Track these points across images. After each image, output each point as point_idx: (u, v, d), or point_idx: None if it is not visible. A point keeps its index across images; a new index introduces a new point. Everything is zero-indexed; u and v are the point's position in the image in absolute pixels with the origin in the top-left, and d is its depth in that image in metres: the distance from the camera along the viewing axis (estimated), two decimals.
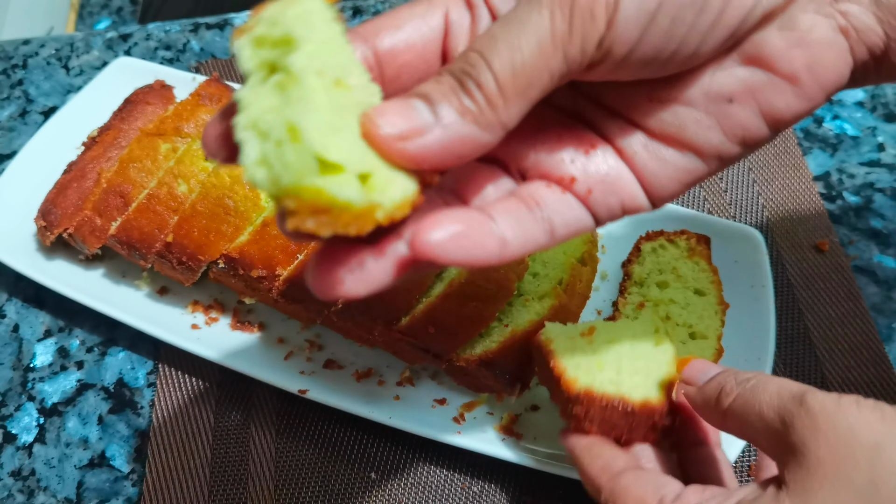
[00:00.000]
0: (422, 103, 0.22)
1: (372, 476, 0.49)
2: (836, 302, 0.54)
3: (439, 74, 0.23)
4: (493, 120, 0.22)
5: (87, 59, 0.75)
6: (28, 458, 0.52)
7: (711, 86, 0.25)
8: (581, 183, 0.26)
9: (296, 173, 0.20)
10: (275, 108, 0.21)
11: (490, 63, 0.22)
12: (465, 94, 0.22)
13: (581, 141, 0.26)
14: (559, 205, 0.25)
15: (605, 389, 0.38)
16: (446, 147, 0.22)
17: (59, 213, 0.55)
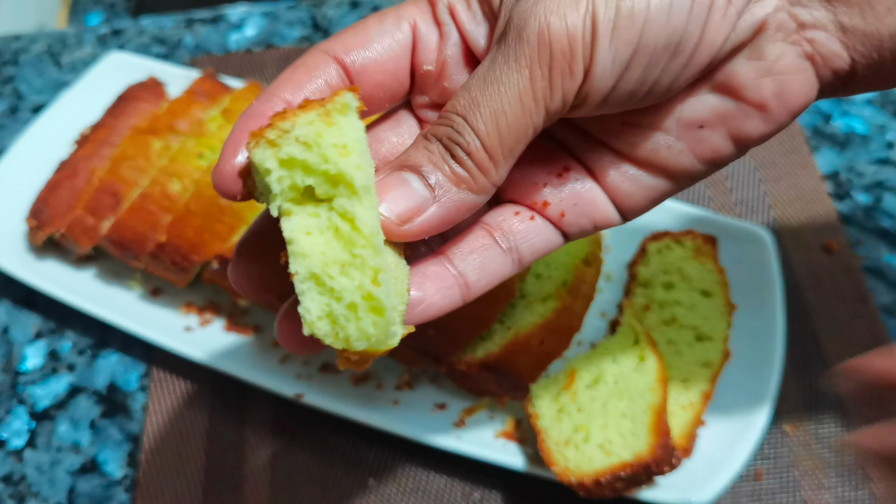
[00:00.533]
0: (415, 177, 0.23)
1: (370, 482, 0.48)
2: (844, 303, 0.53)
3: (426, 139, 0.24)
4: (485, 183, 0.23)
5: (79, 54, 0.73)
6: (19, 463, 0.50)
7: (683, 113, 0.25)
8: (554, 207, 0.27)
9: (374, 343, 0.21)
10: (341, 264, 0.21)
11: (476, 128, 0.23)
12: (456, 162, 0.23)
13: (555, 164, 0.27)
14: (527, 232, 0.26)
15: (596, 466, 0.42)
16: (444, 219, 0.23)
17: (50, 212, 0.54)
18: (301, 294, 0.21)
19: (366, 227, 0.21)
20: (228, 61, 0.71)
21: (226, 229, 0.50)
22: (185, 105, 0.56)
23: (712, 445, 0.45)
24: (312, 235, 0.21)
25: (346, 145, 0.21)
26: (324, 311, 0.21)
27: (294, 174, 0.21)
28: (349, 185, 0.21)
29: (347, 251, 0.21)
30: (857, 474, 0.47)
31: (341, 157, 0.21)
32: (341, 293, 0.21)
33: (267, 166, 0.21)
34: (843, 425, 0.49)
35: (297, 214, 0.21)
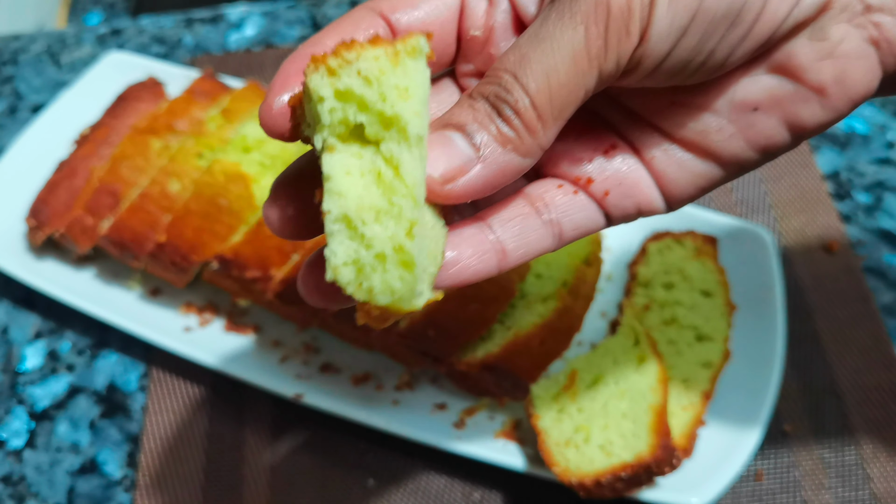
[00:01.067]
0: (459, 135, 0.22)
1: (370, 483, 0.48)
2: (845, 303, 0.53)
3: (471, 98, 0.23)
4: (533, 145, 0.22)
5: (78, 54, 0.73)
6: (18, 463, 0.50)
7: (736, 94, 0.24)
8: (598, 184, 0.25)
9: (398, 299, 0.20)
10: (376, 211, 0.20)
11: (526, 86, 0.22)
12: (503, 121, 0.22)
13: (600, 141, 0.26)
14: (570, 206, 0.25)
15: (596, 467, 0.42)
16: (488, 181, 0.22)
17: (49, 212, 0.54)
18: (330, 235, 0.20)
19: (409, 177, 0.20)
20: (228, 61, 0.71)
21: (225, 229, 0.50)
22: (184, 105, 0.56)
23: (713, 446, 0.45)
24: (352, 176, 0.20)
25: (408, 89, 0.20)
26: (350, 257, 0.20)
27: (348, 108, 0.20)
28: (402, 130, 0.20)
29: (386, 198, 0.20)
30: (858, 474, 0.47)
31: (401, 99, 0.20)
32: (372, 241, 0.20)
33: (322, 93, 0.20)
34: (844, 425, 0.49)
35: (341, 152, 0.20)
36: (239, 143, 0.52)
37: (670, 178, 0.25)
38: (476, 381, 0.47)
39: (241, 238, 0.49)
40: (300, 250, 0.49)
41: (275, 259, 0.48)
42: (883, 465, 0.47)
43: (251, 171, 0.51)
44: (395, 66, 0.20)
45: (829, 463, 0.47)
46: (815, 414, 0.49)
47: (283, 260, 0.48)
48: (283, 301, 0.48)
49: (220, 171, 0.50)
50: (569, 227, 0.25)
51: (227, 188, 0.50)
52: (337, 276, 0.20)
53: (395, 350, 0.48)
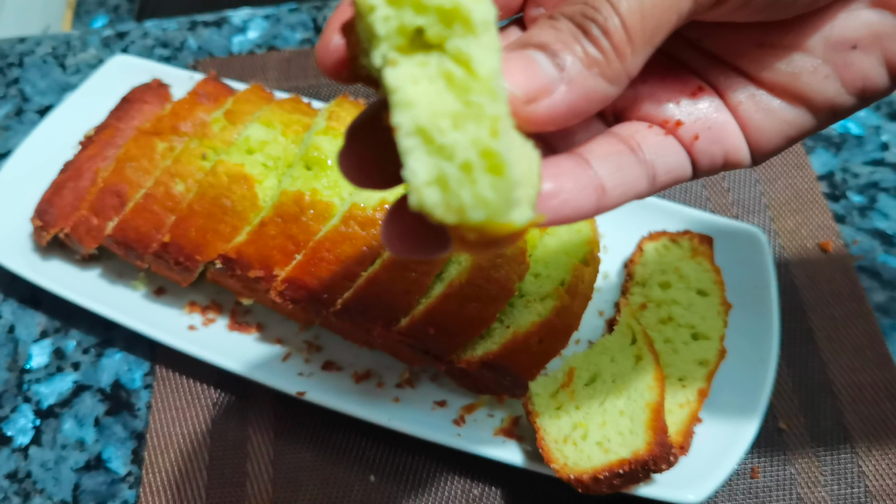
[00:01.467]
0: (542, 55, 0.20)
1: (371, 479, 0.49)
2: (840, 302, 0.54)
3: (554, 18, 0.21)
4: (620, 70, 0.20)
5: (83, 57, 0.74)
6: (24, 460, 0.51)
7: (833, 31, 0.22)
8: (687, 127, 0.24)
9: (493, 211, 0.17)
10: (453, 116, 0.17)
11: (616, 5, 0.20)
12: (590, 42, 0.20)
13: (685, 83, 0.24)
14: (662, 148, 0.23)
15: (594, 464, 0.42)
16: (573, 106, 0.20)
17: (55, 212, 0.55)
18: (406, 154, 0.17)
19: (483, 68, 0.17)
20: (231, 64, 0.72)
21: (229, 229, 0.51)
22: (188, 107, 0.57)
23: (709, 443, 0.45)
24: (420, 85, 0.18)
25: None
26: (433, 174, 0.17)
27: (403, 13, 0.18)
28: (466, 21, 0.17)
29: (461, 100, 0.18)
30: (852, 471, 0.47)
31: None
32: (453, 149, 0.17)
33: (371, 2, 0.18)
34: (838, 423, 0.49)
35: (404, 65, 0.18)
36: (242, 144, 0.53)
37: (757, 126, 0.23)
38: (476, 379, 0.47)
39: (245, 238, 0.50)
40: (303, 250, 0.49)
41: (278, 259, 0.49)
42: (877, 461, 0.48)
43: (254, 172, 0.52)
44: None
45: (824, 460, 0.48)
46: (809, 411, 0.50)
47: (286, 260, 0.49)
48: (286, 300, 0.48)
49: (223, 172, 0.51)
50: (662, 169, 0.23)
51: (231, 189, 0.51)
52: (422, 199, 0.17)
53: (396, 348, 0.49)
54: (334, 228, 0.48)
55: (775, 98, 0.24)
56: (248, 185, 0.51)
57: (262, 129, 0.53)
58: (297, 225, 0.49)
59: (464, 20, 0.18)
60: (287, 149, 0.53)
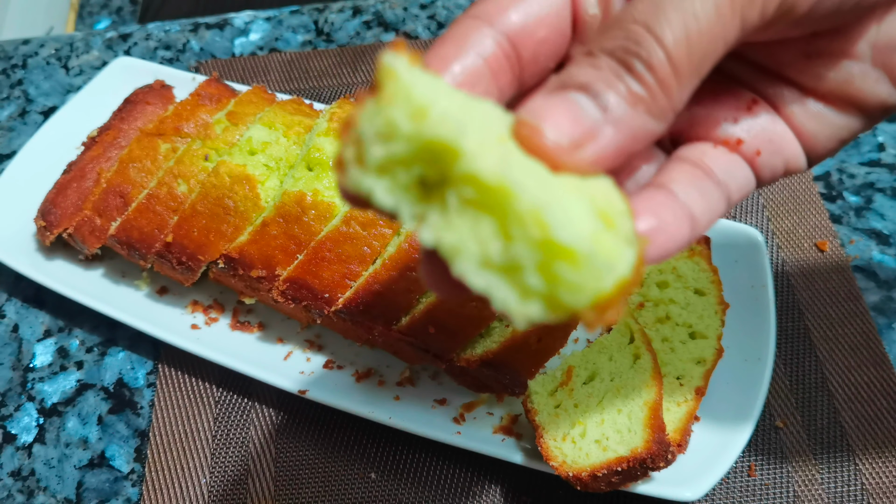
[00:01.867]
0: (583, 96, 0.19)
1: (372, 476, 0.49)
2: (836, 302, 0.54)
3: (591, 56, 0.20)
4: (667, 106, 0.19)
5: (86, 58, 0.75)
6: (28, 458, 0.51)
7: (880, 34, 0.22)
8: (749, 144, 0.23)
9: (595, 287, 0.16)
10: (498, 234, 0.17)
11: (661, 38, 0.19)
12: (634, 79, 0.19)
13: (739, 98, 0.24)
14: (731, 167, 0.23)
15: (592, 461, 0.42)
16: (620, 146, 0.19)
17: (58, 213, 0.55)
18: (486, 292, 0.17)
19: (487, 175, 0.16)
20: (233, 65, 0.72)
21: (231, 229, 0.51)
22: (190, 108, 0.58)
23: (706, 441, 0.46)
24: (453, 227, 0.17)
25: (418, 108, 0.17)
26: (520, 292, 0.17)
27: (397, 176, 0.17)
28: (445, 147, 0.17)
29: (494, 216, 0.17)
30: (848, 469, 0.48)
31: (419, 122, 0.17)
32: (519, 261, 0.16)
33: (365, 188, 0.17)
34: (835, 421, 0.50)
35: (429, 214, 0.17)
36: (245, 145, 0.53)
37: (811, 134, 0.23)
38: (475, 377, 0.48)
39: (247, 238, 0.50)
40: (304, 250, 0.50)
41: (280, 258, 0.49)
42: (873, 459, 0.48)
43: (256, 173, 0.52)
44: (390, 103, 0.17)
45: (820, 457, 0.48)
46: (806, 410, 0.50)
47: (288, 259, 0.49)
48: (287, 299, 0.49)
49: (226, 172, 0.52)
50: (735, 188, 0.23)
51: (234, 189, 0.51)
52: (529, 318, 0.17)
53: (396, 347, 0.49)
54: (335, 228, 0.48)
55: (826, 106, 0.23)
56: (251, 186, 0.51)
57: (264, 131, 0.54)
58: (298, 225, 0.49)
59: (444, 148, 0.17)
60: (289, 150, 0.53)
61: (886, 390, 0.51)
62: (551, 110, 0.19)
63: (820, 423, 0.50)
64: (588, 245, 0.17)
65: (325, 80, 0.71)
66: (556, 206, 0.17)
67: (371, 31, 0.76)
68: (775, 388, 0.51)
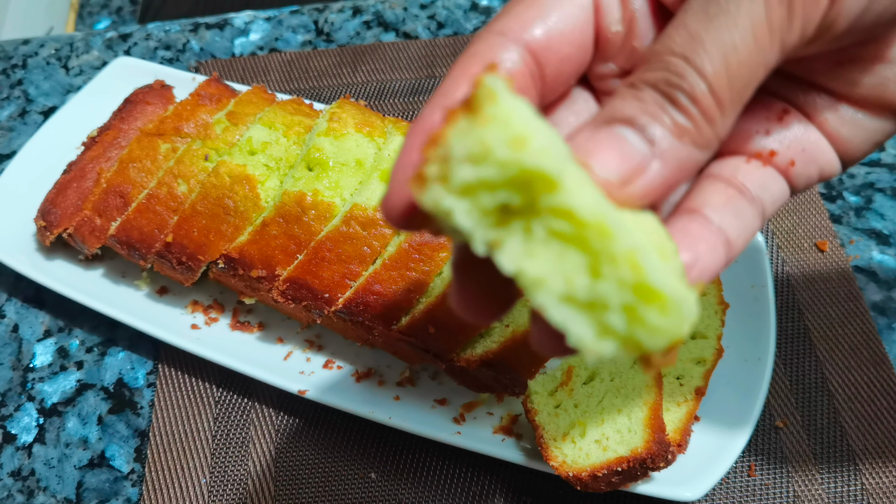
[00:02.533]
0: (630, 131, 0.19)
1: (372, 476, 0.49)
2: (836, 302, 0.54)
3: (635, 88, 0.20)
4: (711, 136, 0.20)
5: (86, 58, 0.75)
6: (28, 458, 0.51)
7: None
8: (782, 155, 0.23)
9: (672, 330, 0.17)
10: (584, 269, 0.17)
11: (701, 69, 0.19)
12: (678, 111, 0.19)
13: (770, 108, 0.24)
14: (765, 181, 0.23)
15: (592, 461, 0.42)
16: (668, 179, 0.20)
17: (58, 213, 0.55)
18: (563, 326, 0.17)
19: (587, 213, 0.17)
20: (233, 65, 0.72)
21: (231, 229, 0.51)
22: (190, 108, 0.58)
23: (706, 441, 0.46)
24: (537, 256, 0.17)
25: (518, 135, 0.16)
26: (600, 329, 0.17)
27: (480, 199, 0.17)
28: (544, 178, 0.16)
29: (585, 252, 0.17)
30: (848, 469, 0.48)
31: (518, 150, 0.16)
32: (606, 301, 0.17)
33: (445, 207, 0.17)
34: (834, 421, 0.50)
35: (509, 241, 0.17)
36: (245, 145, 0.53)
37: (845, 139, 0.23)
38: (475, 378, 0.48)
39: (247, 238, 0.50)
40: (304, 250, 0.50)
41: (280, 258, 0.49)
42: (873, 459, 0.48)
43: (256, 173, 0.52)
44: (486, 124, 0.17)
45: (820, 457, 0.48)
46: (805, 410, 0.50)
47: (288, 259, 0.49)
48: (287, 299, 0.49)
49: (226, 172, 0.52)
50: (769, 202, 0.23)
51: (234, 189, 0.51)
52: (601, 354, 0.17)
53: (396, 347, 0.49)
54: (335, 228, 0.48)
55: (859, 110, 0.23)
56: (251, 186, 0.51)
57: (264, 131, 0.54)
58: (298, 225, 0.49)
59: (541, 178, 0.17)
60: (289, 150, 0.53)
61: (886, 390, 0.51)
62: (599, 146, 0.19)
63: (820, 423, 0.50)
64: (678, 291, 0.17)
65: (325, 80, 0.71)
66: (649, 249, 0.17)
67: (371, 31, 0.76)
68: (775, 389, 0.51)
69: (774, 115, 0.24)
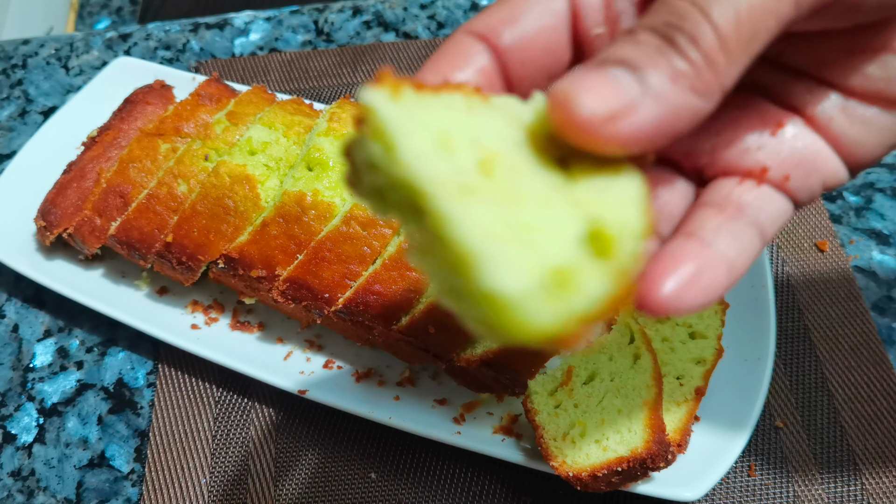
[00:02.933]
0: (623, 71, 0.18)
1: (372, 476, 0.49)
2: (836, 302, 0.54)
3: (632, 33, 0.19)
4: (713, 83, 0.18)
5: (86, 58, 0.75)
6: (28, 458, 0.51)
7: None
8: (775, 170, 0.22)
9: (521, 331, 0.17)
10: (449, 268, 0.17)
11: (708, 11, 0.18)
12: (677, 54, 0.18)
13: (764, 119, 0.23)
14: (761, 201, 0.22)
15: (592, 461, 0.42)
16: (660, 124, 0.18)
17: (58, 213, 0.55)
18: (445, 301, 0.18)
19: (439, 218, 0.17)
20: (233, 65, 0.72)
21: (231, 229, 0.51)
22: (190, 108, 0.58)
23: (706, 441, 0.46)
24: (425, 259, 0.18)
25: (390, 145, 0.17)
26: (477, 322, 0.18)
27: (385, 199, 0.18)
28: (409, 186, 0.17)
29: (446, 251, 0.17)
30: (848, 469, 0.48)
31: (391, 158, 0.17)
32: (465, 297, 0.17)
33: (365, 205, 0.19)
34: (834, 421, 0.50)
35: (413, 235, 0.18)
36: (245, 145, 0.53)
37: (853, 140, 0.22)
38: (475, 377, 0.48)
39: (247, 238, 0.50)
40: (304, 250, 0.50)
41: (280, 258, 0.49)
42: (873, 459, 0.48)
43: (257, 173, 0.52)
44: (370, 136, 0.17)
45: (820, 458, 0.48)
46: (805, 410, 0.50)
47: (288, 259, 0.49)
48: (287, 299, 0.49)
49: (226, 172, 0.52)
50: (768, 222, 0.22)
51: (234, 189, 0.51)
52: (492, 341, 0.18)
53: (396, 347, 0.49)
54: (335, 228, 0.48)
55: (870, 107, 0.22)
56: (251, 186, 0.51)
57: (264, 131, 0.54)
58: (298, 225, 0.49)
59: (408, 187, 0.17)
60: (289, 150, 0.53)
61: (886, 390, 0.51)
62: (588, 82, 0.18)
63: (820, 423, 0.50)
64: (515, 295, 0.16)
65: (325, 79, 0.71)
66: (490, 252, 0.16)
67: (371, 31, 0.76)
68: (775, 388, 0.51)
69: (768, 127, 0.23)
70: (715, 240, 0.21)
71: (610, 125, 0.18)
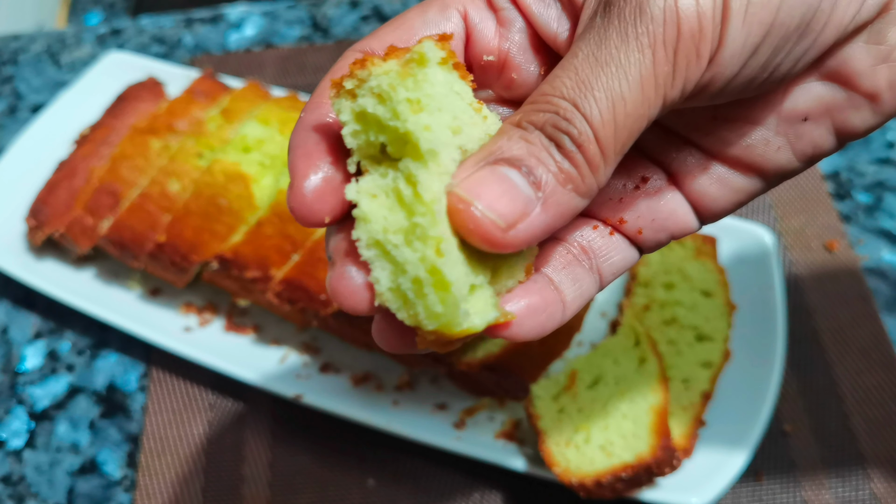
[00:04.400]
0: (516, 173, 0.19)
1: (370, 483, 0.48)
2: (845, 303, 0.53)
3: (522, 128, 0.20)
4: (592, 184, 0.20)
5: (78, 54, 0.73)
6: (18, 463, 0.50)
7: (785, 104, 0.23)
8: (630, 224, 0.24)
9: (443, 323, 0.19)
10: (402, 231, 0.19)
11: (589, 116, 0.19)
12: (563, 157, 0.20)
13: (630, 173, 0.24)
14: (608, 249, 0.24)
15: (597, 467, 0.42)
16: (548, 225, 0.20)
17: (49, 212, 0.54)
18: (370, 263, 0.20)
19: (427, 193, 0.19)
20: (228, 61, 0.71)
21: (225, 229, 0.50)
22: (184, 105, 0.56)
23: (713, 446, 0.45)
24: (378, 198, 0.20)
25: (419, 100, 0.19)
26: (392, 283, 0.19)
27: (368, 129, 0.20)
28: (414, 147, 0.19)
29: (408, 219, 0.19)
30: (858, 474, 0.47)
31: (412, 113, 0.19)
32: (405, 265, 0.19)
33: (342, 118, 0.20)
34: (844, 425, 0.49)
35: (371, 174, 0.20)
36: (239, 143, 0.52)
37: (709, 198, 0.24)
38: (476, 381, 0.47)
39: (241, 238, 0.49)
40: (300, 250, 0.49)
41: (274, 259, 0.48)
42: (883, 464, 0.47)
43: (251, 171, 0.51)
44: (404, 77, 0.19)
45: (829, 462, 0.47)
46: (815, 413, 0.49)
47: (283, 260, 0.48)
48: (283, 301, 0.48)
49: (219, 170, 0.50)
50: (608, 271, 0.24)
51: (227, 188, 0.50)
52: (385, 301, 0.20)
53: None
54: None
55: (729, 169, 0.24)
56: (245, 184, 0.50)
57: (258, 127, 0.53)
58: (294, 225, 0.48)
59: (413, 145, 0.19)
60: (284, 147, 0.52)
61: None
62: (484, 186, 0.19)
63: (829, 428, 0.49)
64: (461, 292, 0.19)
65: (322, 75, 0.69)
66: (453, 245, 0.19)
67: (368, 25, 0.74)
68: (783, 392, 0.50)
69: (633, 182, 0.24)
70: (557, 278, 0.23)
71: (507, 234, 0.19)
